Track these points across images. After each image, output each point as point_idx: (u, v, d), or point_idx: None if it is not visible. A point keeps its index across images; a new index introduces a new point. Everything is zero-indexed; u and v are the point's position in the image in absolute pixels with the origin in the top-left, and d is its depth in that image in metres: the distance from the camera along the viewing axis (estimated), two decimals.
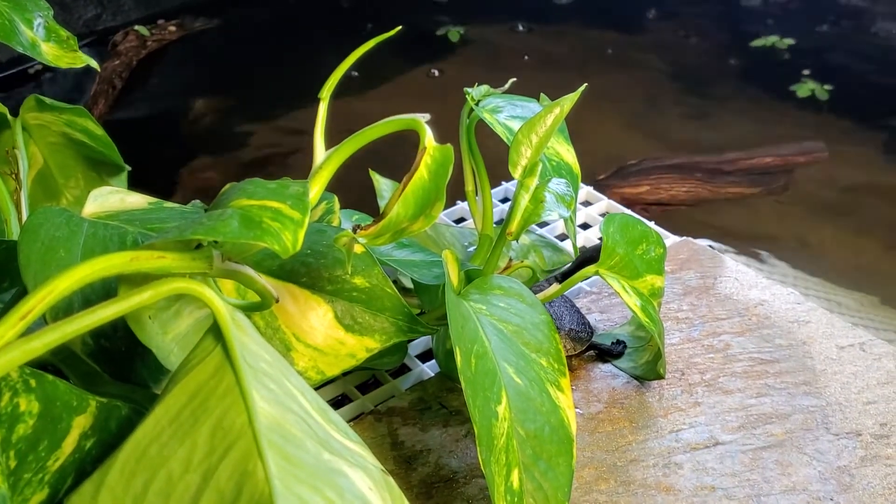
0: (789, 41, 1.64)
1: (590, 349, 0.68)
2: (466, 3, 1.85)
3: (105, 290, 0.44)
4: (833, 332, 0.70)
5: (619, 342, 0.69)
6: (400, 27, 0.55)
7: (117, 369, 0.45)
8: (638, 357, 0.67)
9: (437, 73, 1.42)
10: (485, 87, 0.68)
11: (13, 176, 0.65)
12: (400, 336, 0.52)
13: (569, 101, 0.57)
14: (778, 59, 1.61)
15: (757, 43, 1.65)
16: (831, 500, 0.56)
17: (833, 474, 0.57)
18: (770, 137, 1.37)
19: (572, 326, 0.66)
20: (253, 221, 0.35)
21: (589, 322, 0.69)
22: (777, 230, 1.17)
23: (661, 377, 0.64)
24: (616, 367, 0.67)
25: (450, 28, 1.65)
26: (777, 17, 1.76)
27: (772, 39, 1.64)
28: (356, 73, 1.46)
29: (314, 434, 0.33)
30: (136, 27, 1.72)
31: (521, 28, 1.68)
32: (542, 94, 0.70)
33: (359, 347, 0.51)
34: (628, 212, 0.85)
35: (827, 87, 1.45)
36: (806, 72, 1.51)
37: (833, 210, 1.20)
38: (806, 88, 1.47)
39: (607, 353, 0.68)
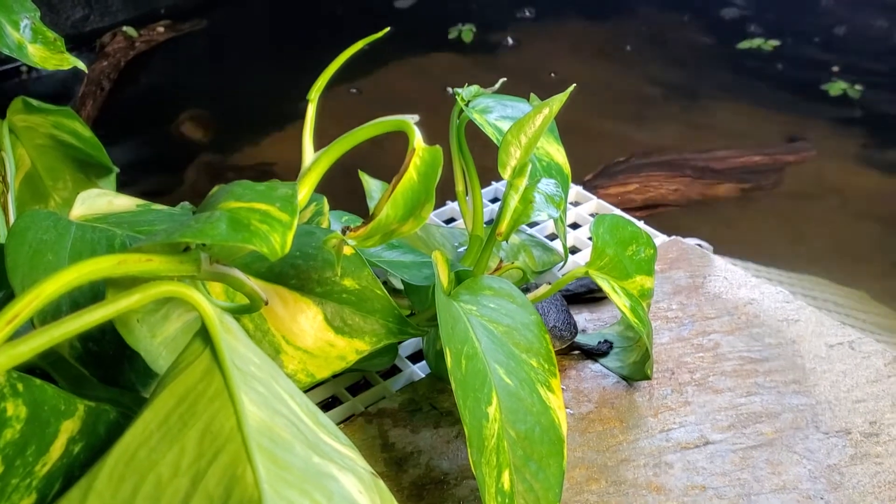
0: (774, 42, 1.65)
1: (572, 349, 0.68)
2: (444, 14, 1.85)
3: (93, 293, 0.44)
4: (822, 331, 0.70)
5: (605, 341, 0.69)
6: (388, 28, 0.55)
7: (105, 373, 0.45)
8: (626, 357, 0.67)
9: (450, 90, 1.43)
10: (475, 88, 0.68)
11: (0, 179, 0.64)
12: (390, 338, 0.52)
13: (558, 101, 0.57)
14: (765, 60, 1.61)
15: (743, 45, 1.66)
16: (821, 498, 0.56)
17: (823, 473, 0.58)
18: (759, 136, 1.37)
19: (556, 324, 0.66)
20: (241, 224, 0.35)
21: (575, 322, 0.68)
22: (766, 228, 1.18)
23: (647, 378, 0.64)
24: (604, 366, 0.68)
25: (461, 28, 1.66)
26: (761, 19, 1.77)
27: (757, 42, 1.65)
28: (355, 90, 1.46)
29: (303, 437, 0.33)
30: (125, 28, 1.71)
31: (510, 41, 1.68)
32: (531, 94, 0.70)
33: (349, 349, 0.51)
34: (618, 212, 0.85)
35: (858, 86, 1.46)
36: (835, 68, 1.52)
37: (822, 208, 1.21)
38: (837, 87, 1.47)
39: (592, 352, 0.68)
